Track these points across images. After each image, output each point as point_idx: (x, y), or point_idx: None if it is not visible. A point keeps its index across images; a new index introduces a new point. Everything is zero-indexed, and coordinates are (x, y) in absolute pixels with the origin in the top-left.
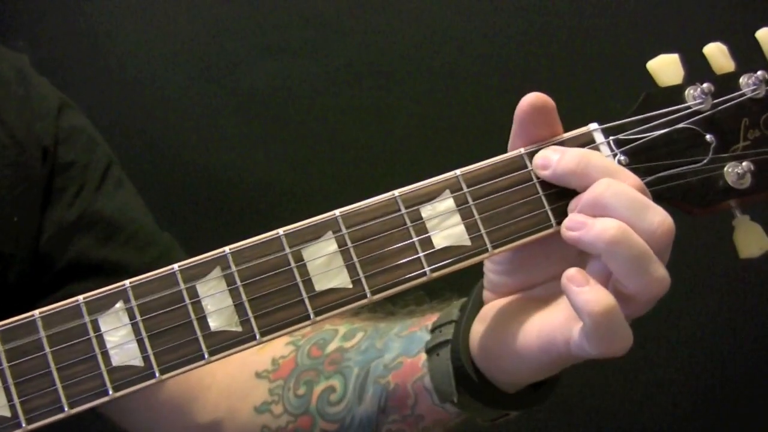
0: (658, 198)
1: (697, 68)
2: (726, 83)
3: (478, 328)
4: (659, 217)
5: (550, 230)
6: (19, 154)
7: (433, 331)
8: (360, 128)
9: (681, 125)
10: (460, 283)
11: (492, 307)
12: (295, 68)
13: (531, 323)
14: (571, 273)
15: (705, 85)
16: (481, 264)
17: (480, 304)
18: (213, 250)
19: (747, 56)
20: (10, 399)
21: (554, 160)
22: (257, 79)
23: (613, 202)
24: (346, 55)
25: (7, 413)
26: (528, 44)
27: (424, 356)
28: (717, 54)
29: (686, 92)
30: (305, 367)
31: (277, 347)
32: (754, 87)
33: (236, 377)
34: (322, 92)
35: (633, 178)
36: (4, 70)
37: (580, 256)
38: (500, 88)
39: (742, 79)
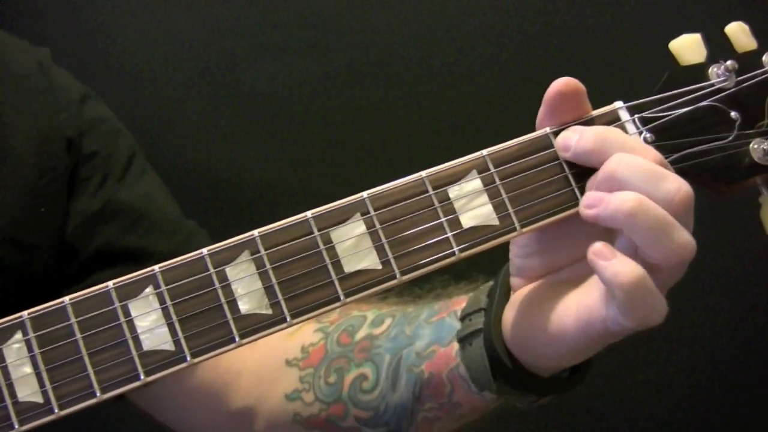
0: (684, 175)
1: (716, 49)
2: (749, 61)
3: (509, 316)
4: (675, 185)
5: (577, 209)
6: (43, 145)
7: (462, 319)
8: (360, 128)
9: (705, 103)
10: (487, 265)
11: (521, 293)
12: (295, 68)
13: (565, 306)
14: (597, 247)
15: (728, 62)
16: (507, 244)
17: (508, 290)
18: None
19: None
20: (42, 385)
21: (574, 140)
22: (257, 79)
23: (627, 175)
24: (346, 55)
25: (40, 399)
26: (538, 35)
27: (456, 345)
28: (739, 33)
29: (710, 70)
30: (335, 355)
31: (306, 335)
32: None
33: (266, 363)
34: (322, 92)
35: (653, 153)
36: (25, 63)
37: (606, 234)
38: (500, 88)
39: (765, 57)
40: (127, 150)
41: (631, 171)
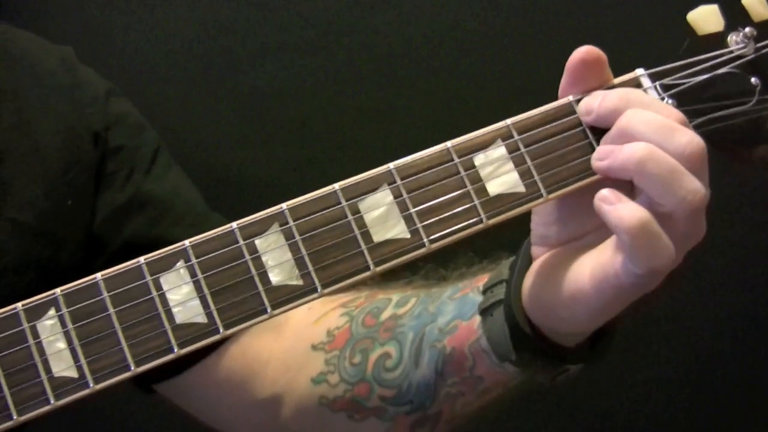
0: (707, 141)
1: (732, 20)
2: (766, 29)
3: (528, 283)
4: (687, 137)
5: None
6: (69, 140)
7: (484, 292)
8: (360, 128)
9: (725, 69)
10: (509, 245)
11: (541, 260)
12: (295, 68)
13: (582, 265)
14: (603, 193)
15: (747, 29)
16: (529, 216)
17: (529, 261)
18: None
19: None
20: (76, 360)
21: (596, 102)
22: (257, 79)
23: (640, 128)
24: (346, 55)
25: (74, 374)
26: (544, 30)
27: (478, 318)
28: (755, 3)
29: (729, 38)
30: (360, 336)
31: (332, 319)
32: None
33: (293, 351)
34: (322, 92)
35: (675, 112)
36: (50, 61)
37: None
38: (501, 88)
39: None
40: (152, 144)
41: (643, 124)
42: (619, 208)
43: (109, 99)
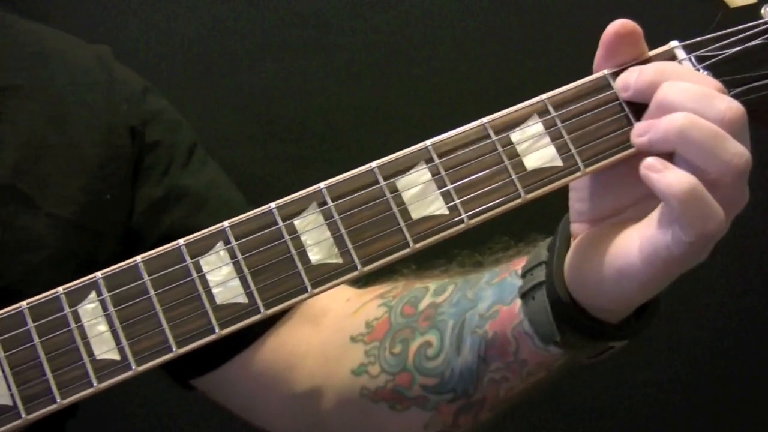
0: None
1: None
2: None
3: (570, 262)
4: (725, 103)
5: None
6: (106, 135)
7: (524, 276)
8: (360, 128)
9: (759, 40)
10: (545, 224)
11: (582, 237)
12: (295, 68)
13: (629, 239)
14: (649, 161)
15: None
16: (566, 197)
17: (568, 240)
18: None
19: None
20: (118, 342)
21: (633, 77)
22: (257, 79)
23: (678, 99)
24: (346, 55)
25: (117, 356)
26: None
27: (519, 302)
28: None
29: (762, 10)
30: (400, 326)
31: (370, 310)
32: None
33: (331, 343)
34: (322, 92)
35: (713, 81)
36: (86, 58)
37: None
38: (501, 88)
39: None
40: (188, 140)
41: (681, 95)
42: (667, 176)
43: (146, 96)
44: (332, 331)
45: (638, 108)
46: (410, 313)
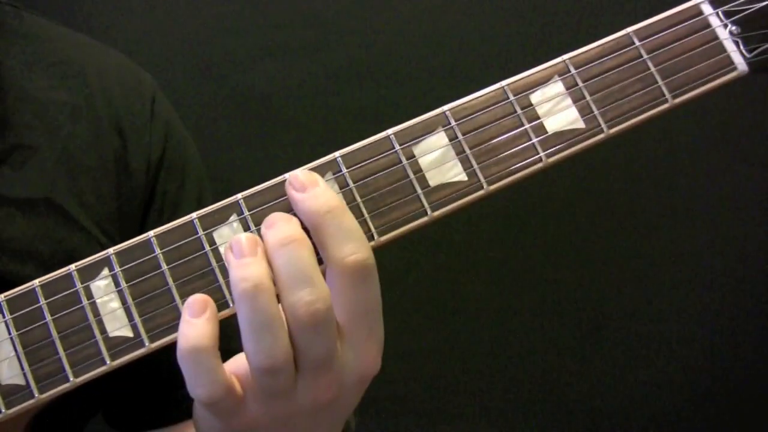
0: None
1: None
2: None
3: None
4: (311, 297)
5: (666, 105)
6: (128, 166)
7: None
8: (360, 128)
9: None
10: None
11: None
12: (295, 68)
13: None
14: (191, 300)
15: None
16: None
17: None
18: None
19: None
20: (131, 319)
21: (311, 191)
22: (257, 79)
23: (281, 262)
24: (346, 55)
25: (130, 333)
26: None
27: None
28: None
29: None
30: None
31: None
32: None
33: None
34: (322, 92)
35: (358, 253)
36: (127, 82)
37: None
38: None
39: None
40: (197, 195)
41: (288, 260)
42: (190, 323)
43: (170, 139)
44: None
45: (665, 62)
46: None
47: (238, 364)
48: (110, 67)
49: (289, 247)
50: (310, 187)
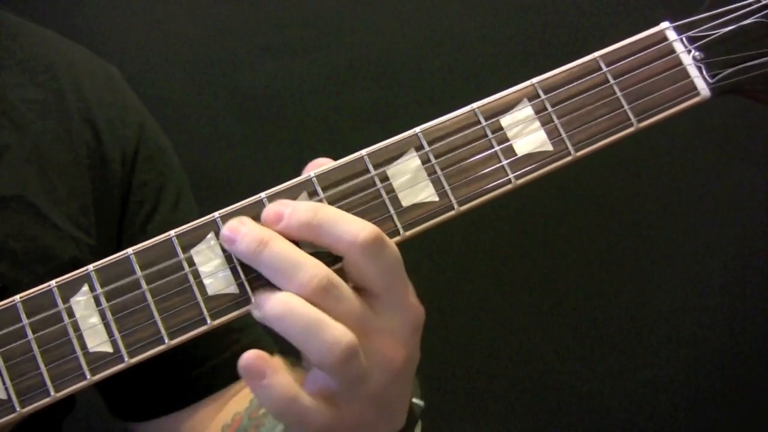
0: (738, 90)
1: None
2: None
3: None
4: (309, 274)
5: (631, 129)
6: (103, 158)
7: None
8: (360, 128)
9: (754, 19)
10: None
11: None
12: (295, 68)
13: None
14: (244, 364)
15: None
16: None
17: None
18: None
19: None
20: (111, 335)
21: (285, 213)
22: (257, 79)
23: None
24: (346, 55)
25: (109, 348)
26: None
27: None
28: None
29: None
30: (243, 428)
31: (240, 400)
32: None
33: (214, 429)
34: (322, 92)
35: (364, 228)
36: (97, 76)
37: None
38: (501, 87)
39: None
40: (176, 185)
41: (271, 258)
42: (264, 386)
43: (144, 130)
44: (223, 415)
45: (629, 88)
46: (254, 416)
47: (310, 378)
48: (79, 60)
49: (261, 251)
50: (284, 209)
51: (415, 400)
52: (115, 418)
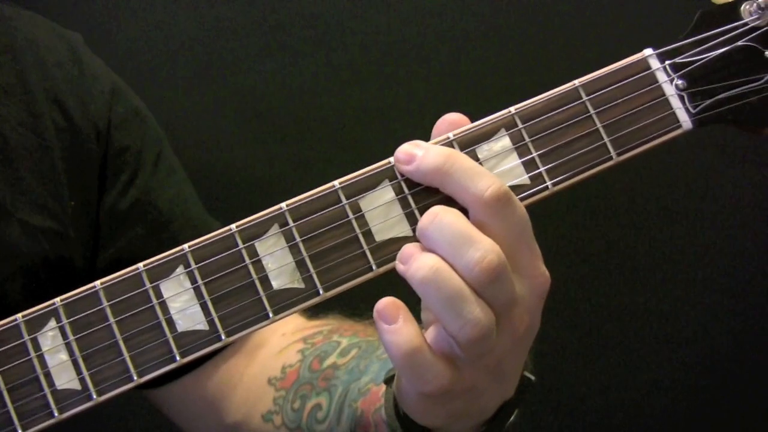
0: (722, 120)
1: None
2: None
3: None
4: (479, 254)
5: (610, 162)
6: (75, 137)
7: None
8: (360, 128)
9: (739, 44)
10: None
11: None
12: (295, 68)
13: None
14: (380, 307)
15: (760, 0)
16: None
17: None
18: None
19: None
20: (79, 372)
21: (418, 155)
22: (257, 79)
23: (436, 237)
24: (346, 55)
25: (77, 386)
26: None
27: (384, 386)
28: None
29: (742, 8)
30: (304, 380)
31: (290, 354)
32: None
33: (255, 380)
34: (322, 92)
35: (492, 185)
36: (58, 50)
37: None
38: (501, 88)
39: None
40: (156, 145)
41: (441, 233)
42: (394, 331)
43: (115, 95)
44: (260, 367)
45: (610, 119)
46: (316, 368)
47: (436, 339)
48: (41, 36)
49: (435, 221)
50: (417, 150)
51: (526, 373)
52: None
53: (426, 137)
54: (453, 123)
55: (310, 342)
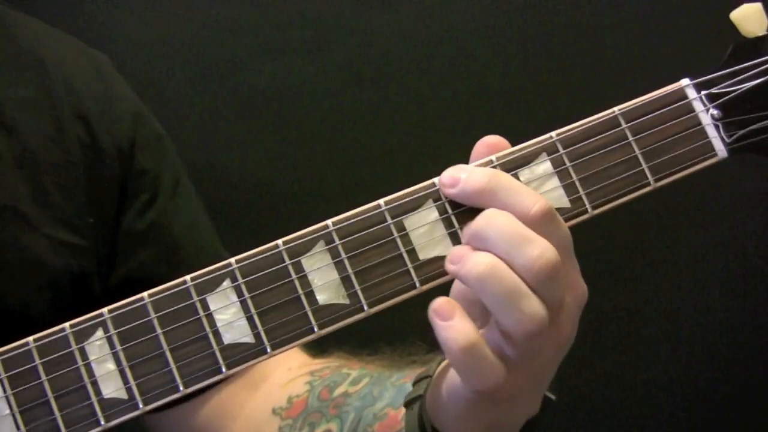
0: (754, 150)
1: None
2: None
3: (436, 379)
4: (537, 251)
5: (648, 188)
6: (97, 154)
7: (414, 384)
8: (360, 128)
9: None
10: None
11: None
12: (295, 68)
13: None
14: (436, 305)
15: None
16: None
17: None
18: None
19: None
20: (126, 381)
21: (461, 178)
22: (257, 79)
23: (492, 236)
24: (346, 55)
25: (124, 395)
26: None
27: (404, 410)
28: None
29: None
30: (313, 409)
31: (297, 385)
32: None
33: (258, 411)
34: (322, 92)
35: (541, 202)
36: (86, 68)
37: None
38: (501, 88)
39: None
40: (175, 172)
41: (498, 232)
42: (449, 327)
43: (139, 118)
44: (263, 399)
45: (648, 146)
46: (325, 397)
47: (487, 340)
48: (69, 53)
49: (491, 221)
50: (460, 173)
51: (547, 393)
52: None
53: (426, 137)
54: (492, 146)
55: (318, 375)
